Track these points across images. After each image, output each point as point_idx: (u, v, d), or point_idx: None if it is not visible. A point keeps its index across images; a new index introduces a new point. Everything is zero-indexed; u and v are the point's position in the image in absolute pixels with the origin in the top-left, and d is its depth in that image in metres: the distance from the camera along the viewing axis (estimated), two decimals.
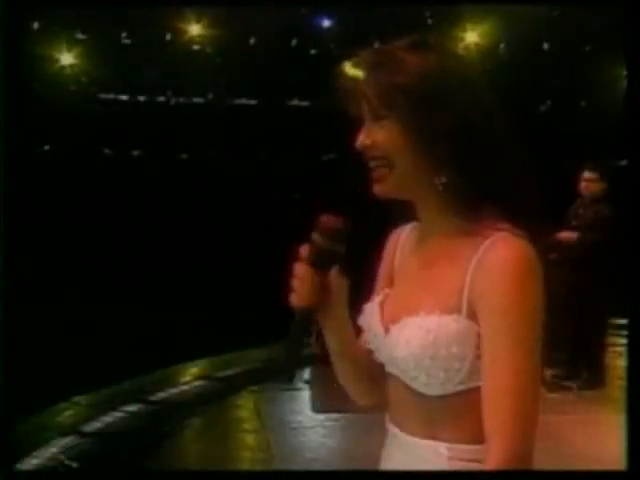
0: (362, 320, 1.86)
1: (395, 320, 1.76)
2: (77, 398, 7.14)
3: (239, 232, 12.82)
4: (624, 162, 2.70)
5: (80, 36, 14.31)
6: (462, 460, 1.70)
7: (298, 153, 14.99)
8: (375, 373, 1.87)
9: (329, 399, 6.61)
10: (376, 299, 1.85)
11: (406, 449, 1.81)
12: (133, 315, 8.99)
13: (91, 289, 9.99)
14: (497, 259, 1.65)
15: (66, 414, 6.86)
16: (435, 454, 1.73)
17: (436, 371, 1.69)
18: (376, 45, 1.81)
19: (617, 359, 7.64)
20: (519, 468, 1.65)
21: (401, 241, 1.92)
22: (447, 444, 1.71)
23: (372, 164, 1.77)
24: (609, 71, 13.81)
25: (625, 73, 13.74)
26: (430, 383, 1.71)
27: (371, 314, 1.84)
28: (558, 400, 6.80)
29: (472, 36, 14.22)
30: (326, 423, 6.56)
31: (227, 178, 14.44)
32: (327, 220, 1.80)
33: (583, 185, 7.21)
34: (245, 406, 7.29)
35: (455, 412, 1.71)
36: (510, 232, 1.67)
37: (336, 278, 1.82)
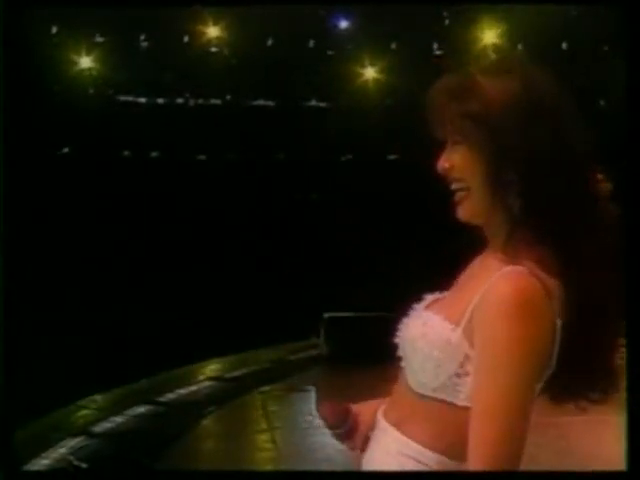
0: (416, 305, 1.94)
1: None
2: (87, 399, 7.17)
3: (254, 233, 12.83)
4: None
5: (98, 39, 14.37)
6: (414, 460, 1.76)
7: (316, 154, 14.98)
8: None
9: (334, 399, 6.62)
10: (436, 294, 1.91)
11: (378, 433, 1.88)
12: (143, 316, 9.02)
13: (104, 291, 10.03)
14: (498, 293, 1.68)
15: (76, 415, 6.90)
16: (395, 444, 1.80)
17: (416, 365, 1.77)
18: (393, 46, 1.84)
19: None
20: None
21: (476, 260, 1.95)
22: (407, 439, 1.78)
23: (452, 187, 1.81)
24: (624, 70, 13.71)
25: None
26: (412, 377, 1.78)
27: (421, 303, 1.90)
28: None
29: (489, 36, 14.15)
30: None
31: (245, 179, 14.47)
32: (326, 413, 1.95)
33: None
34: (254, 407, 7.31)
35: (425, 415, 1.76)
36: (527, 267, 1.69)
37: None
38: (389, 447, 1.81)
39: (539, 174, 1.70)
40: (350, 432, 1.96)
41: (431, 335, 1.74)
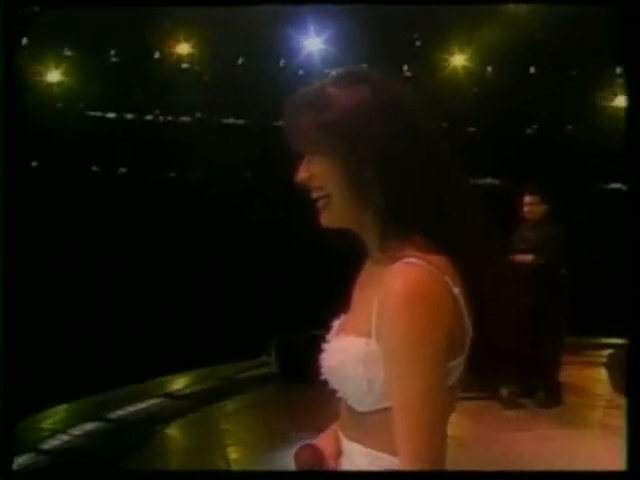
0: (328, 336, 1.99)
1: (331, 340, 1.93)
2: (34, 416, 7.09)
3: (215, 251, 12.80)
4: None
5: (68, 53, 14.33)
6: (379, 467, 1.81)
7: (284, 173, 14.98)
8: None
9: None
10: (341, 317, 1.99)
11: (346, 452, 1.92)
12: (92, 332, 8.95)
13: (51, 305, 9.92)
14: (390, 286, 1.73)
15: (23, 432, 6.81)
16: (363, 459, 1.85)
17: (349, 389, 1.82)
18: (364, 66, 1.93)
19: (572, 377, 7.72)
20: None
21: (362, 271, 2.01)
22: (371, 451, 1.83)
23: (313, 196, 1.90)
24: (593, 96, 13.87)
25: (606, 98, 13.79)
26: (349, 399, 1.84)
27: (331, 331, 1.98)
28: (513, 417, 6.86)
29: (459, 59, 14.24)
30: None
31: (213, 197, 14.45)
32: (304, 459, 1.96)
33: (526, 209, 7.39)
34: (206, 424, 7.28)
35: (377, 426, 1.81)
36: (414, 258, 1.74)
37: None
38: (359, 462, 1.86)
39: (395, 169, 1.77)
40: None
41: (350, 358, 1.78)
